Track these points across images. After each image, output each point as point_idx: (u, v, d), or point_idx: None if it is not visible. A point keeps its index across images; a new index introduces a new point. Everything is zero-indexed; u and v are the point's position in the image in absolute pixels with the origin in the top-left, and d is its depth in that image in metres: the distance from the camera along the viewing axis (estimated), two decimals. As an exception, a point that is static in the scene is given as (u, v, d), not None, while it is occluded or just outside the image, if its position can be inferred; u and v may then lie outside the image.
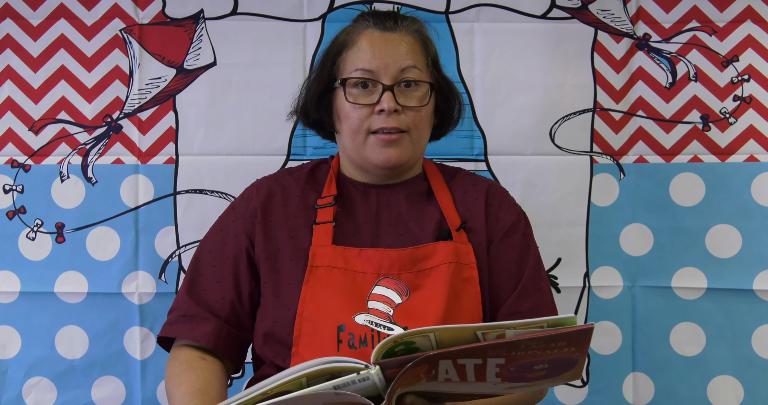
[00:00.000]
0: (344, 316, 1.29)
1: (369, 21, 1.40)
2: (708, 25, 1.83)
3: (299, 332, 1.30)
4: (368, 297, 1.31)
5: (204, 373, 1.33)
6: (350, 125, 1.37)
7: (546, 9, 1.83)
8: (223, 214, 1.47)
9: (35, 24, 1.81)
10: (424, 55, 1.40)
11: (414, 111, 1.36)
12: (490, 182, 1.49)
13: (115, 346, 1.80)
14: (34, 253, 1.81)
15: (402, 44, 1.37)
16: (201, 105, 1.82)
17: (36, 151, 1.81)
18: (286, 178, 1.46)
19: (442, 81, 1.44)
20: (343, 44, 1.40)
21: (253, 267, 1.40)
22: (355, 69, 1.36)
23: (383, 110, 1.34)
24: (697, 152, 1.82)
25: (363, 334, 1.27)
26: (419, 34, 1.41)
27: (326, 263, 1.33)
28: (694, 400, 1.82)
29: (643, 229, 1.83)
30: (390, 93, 1.34)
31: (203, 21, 1.82)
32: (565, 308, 1.81)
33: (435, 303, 1.31)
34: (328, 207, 1.40)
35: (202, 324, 1.37)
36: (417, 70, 1.37)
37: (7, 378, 1.80)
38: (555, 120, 1.83)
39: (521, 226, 1.44)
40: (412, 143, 1.38)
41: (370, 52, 1.36)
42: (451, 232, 1.37)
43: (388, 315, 1.30)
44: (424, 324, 1.27)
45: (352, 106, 1.36)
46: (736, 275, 1.80)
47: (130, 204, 1.81)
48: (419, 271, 1.34)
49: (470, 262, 1.36)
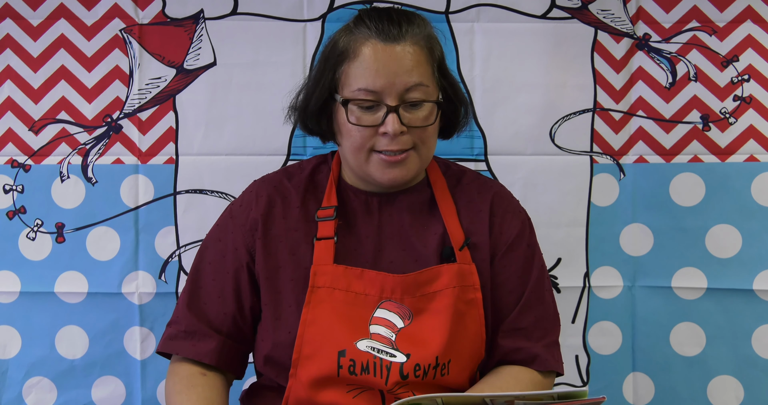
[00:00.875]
0: (345, 340, 1.27)
1: (371, 29, 1.29)
2: (708, 25, 1.82)
3: (299, 355, 1.28)
4: (370, 320, 1.29)
5: (205, 391, 1.32)
6: (352, 143, 1.31)
7: (546, 9, 1.83)
8: (221, 220, 1.42)
9: (35, 24, 1.81)
10: (431, 64, 1.32)
11: (420, 130, 1.30)
12: (495, 189, 1.44)
13: (115, 346, 1.80)
14: (34, 253, 1.81)
15: (407, 57, 1.28)
16: (201, 105, 1.82)
17: (36, 151, 1.81)
18: (285, 185, 1.41)
19: (449, 88, 1.37)
20: (343, 54, 1.30)
21: (254, 281, 1.37)
22: (358, 88, 1.28)
23: (387, 133, 1.28)
24: (697, 152, 1.82)
25: (365, 362, 1.26)
26: (425, 41, 1.31)
27: (327, 284, 1.30)
28: (694, 400, 1.82)
29: (643, 229, 1.83)
30: (395, 115, 1.27)
31: (203, 21, 1.82)
32: (565, 308, 1.81)
33: (438, 329, 1.29)
34: (329, 220, 1.36)
35: (204, 341, 1.35)
36: (423, 87, 1.29)
37: (7, 378, 1.80)
38: (555, 120, 1.83)
39: (525, 237, 1.40)
40: (419, 159, 1.33)
41: (374, 70, 1.27)
42: (455, 252, 1.34)
43: (390, 340, 1.28)
44: (427, 351, 1.27)
45: (355, 127, 1.29)
46: (736, 275, 1.80)
47: (130, 204, 1.81)
48: (422, 295, 1.31)
49: (474, 283, 1.33)
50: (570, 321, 1.83)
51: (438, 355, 1.27)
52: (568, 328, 1.83)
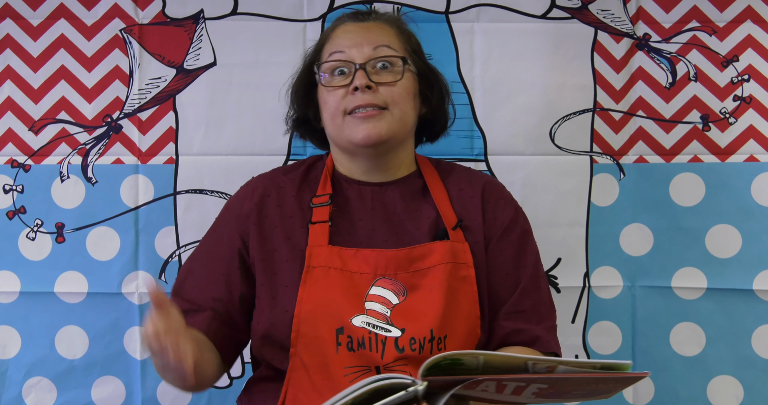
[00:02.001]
0: (342, 317, 1.28)
1: (345, 17, 1.44)
2: (708, 25, 1.83)
3: (297, 334, 1.29)
4: (365, 297, 1.31)
5: (197, 334, 1.33)
6: (328, 110, 1.37)
7: (546, 9, 1.83)
8: (219, 215, 1.47)
9: (35, 24, 1.81)
10: (401, 40, 1.41)
11: (389, 86, 1.35)
12: (486, 178, 1.48)
13: (115, 346, 1.80)
14: (34, 253, 1.81)
15: (374, 29, 1.40)
16: (201, 105, 1.82)
17: (36, 151, 1.81)
18: (281, 178, 1.45)
19: (426, 69, 1.43)
20: (320, 42, 1.44)
21: (246, 269, 1.39)
22: (329, 53, 1.38)
23: (357, 89, 1.33)
24: (697, 152, 1.82)
25: (361, 337, 1.27)
26: (395, 23, 1.44)
27: (323, 263, 1.33)
28: (694, 400, 1.82)
29: (643, 229, 1.83)
30: (362, 71, 1.34)
31: (203, 21, 1.82)
32: (565, 308, 1.82)
33: (432, 303, 1.30)
34: (323, 206, 1.39)
35: (192, 317, 1.35)
36: (390, 49, 1.37)
37: (7, 378, 1.80)
38: (555, 120, 1.83)
39: (519, 223, 1.43)
40: (394, 119, 1.36)
41: (343, 38, 1.39)
42: (448, 231, 1.37)
43: (386, 316, 1.29)
44: (421, 325, 1.28)
45: (328, 91, 1.37)
46: (736, 275, 1.80)
47: (130, 204, 1.81)
48: (416, 271, 1.33)
49: (467, 261, 1.35)
50: (570, 321, 1.83)
51: (432, 328, 1.28)
52: (568, 328, 1.83)
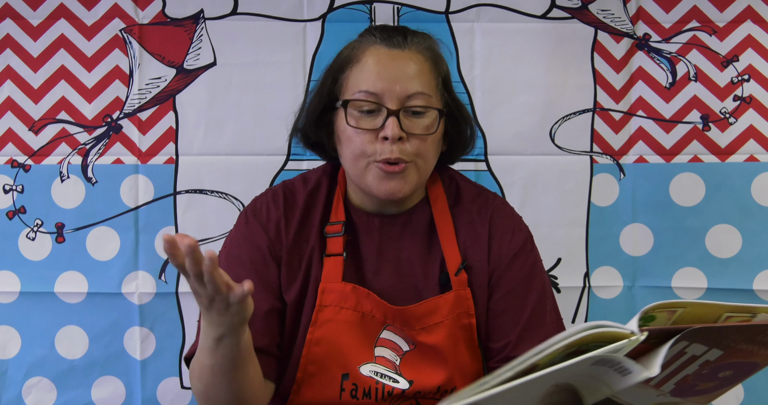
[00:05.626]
0: (350, 364, 1.26)
1: (375, 36, 1.29)
2: (708, 25, 1.83)
3: (303, 374, 1.28)
4: (376, 342, 1.28)
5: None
6: (352, 150, 1.26)
7: (546, 9, 1.83)
8: (240, 248, 1.34)
9: (35, 24, 1.81)
10: (434, 75, 1.29)
11: (419, 139, 1.25)
12: (494, 206, 1.38)
13: (115, 346, 1.80)
14: (34, 253, 1.81)
15: (410, 64, 1.26)
16: (201, 105, 1.82)
17: (36, 151, 1.81)
18: (289, 200, 1.35)
19: (452, 103, 1.33)
20: (346, 60, 1.29)
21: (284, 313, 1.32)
22: (359, 90, 1.25)
23: (386, 137, 1.23)
24: (697, 152, 1.82)
25: (367, 387, 1.26)
26: (430, 52, 1.30)
27: (335, 302, 1.28)
28: (694, 400, 1.82)
29: (643, 229, 1.83)
30: (395, 119, 1.23)
31: (203, 21, 1.82)
32: (565, 308, 1.81)
33: (439, 359, 1.28)
34: (337, 236, 1.32)
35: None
36: (425, 95, 1.26)
37: (7, 378, 1.80)
38: (555, 120, 1.83)
39: (523, 256, 1.35)
40: (417, 173, 1.27)
41: (375, 73, 1.25)
42: (451, 279, 1.31)
43: (395, 364, 1.27)
44: (430, 379, 1.27)
45: (354, 131, 1.25)
46: (736, 275, 1.80)
47: (130, 204, 1.81)
48: (422, 328, 1.29)
49: (468, 309, 1.31)
50: (570, 321, 1.83)
51: (440, 385, 1.28)
52: (568, 328, 1.82)
